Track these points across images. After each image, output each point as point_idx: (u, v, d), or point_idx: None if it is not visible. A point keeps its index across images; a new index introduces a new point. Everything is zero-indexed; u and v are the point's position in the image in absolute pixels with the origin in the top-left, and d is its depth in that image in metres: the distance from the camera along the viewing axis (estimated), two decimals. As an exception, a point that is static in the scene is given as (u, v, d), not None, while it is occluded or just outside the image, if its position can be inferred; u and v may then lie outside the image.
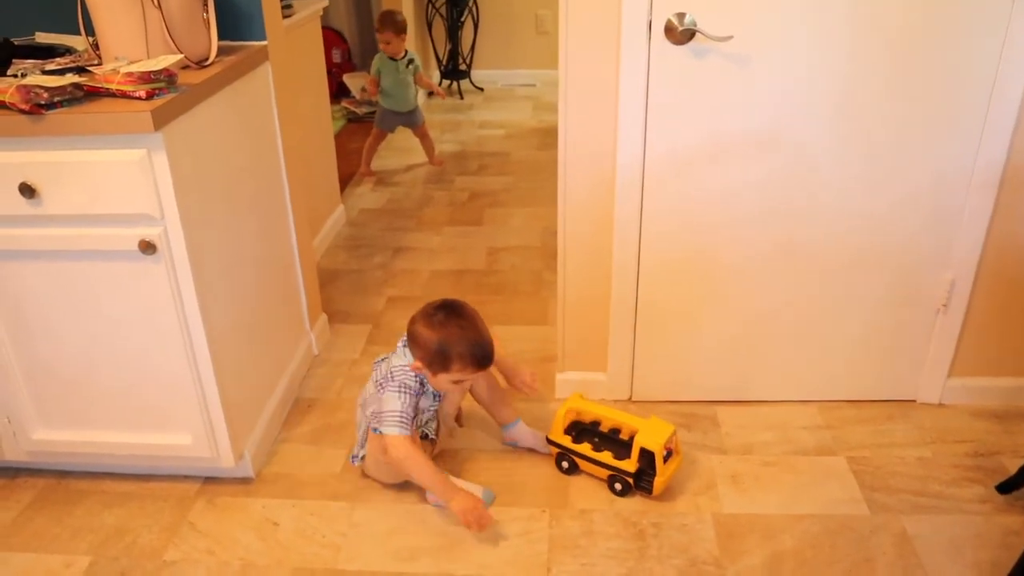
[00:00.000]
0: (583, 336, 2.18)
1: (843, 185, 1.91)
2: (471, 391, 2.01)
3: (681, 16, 1.74)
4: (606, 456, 1.89)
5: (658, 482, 1.83)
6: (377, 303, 2.83)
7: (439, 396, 1.91)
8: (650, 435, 1.84)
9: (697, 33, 1.75)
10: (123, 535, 1.85)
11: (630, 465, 1.85)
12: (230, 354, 1.88)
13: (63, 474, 2.03)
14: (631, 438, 1.87)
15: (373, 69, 4.07)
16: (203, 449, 1.87)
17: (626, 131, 1.88)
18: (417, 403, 1.83)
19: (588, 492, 1.91)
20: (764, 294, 2.06)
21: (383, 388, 1.83)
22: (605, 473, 1.90)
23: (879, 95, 1.81)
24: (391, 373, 1.83)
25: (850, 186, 1.91)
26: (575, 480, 1.95)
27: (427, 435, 1.95)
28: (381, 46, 4.01)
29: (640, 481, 1.86)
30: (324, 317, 2.62)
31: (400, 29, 3.96)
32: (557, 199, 2.01)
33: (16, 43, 1.98)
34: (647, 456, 1.83)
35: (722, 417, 2.15)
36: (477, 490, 1.90)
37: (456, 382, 1.82)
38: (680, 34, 1.75)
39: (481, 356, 1.78)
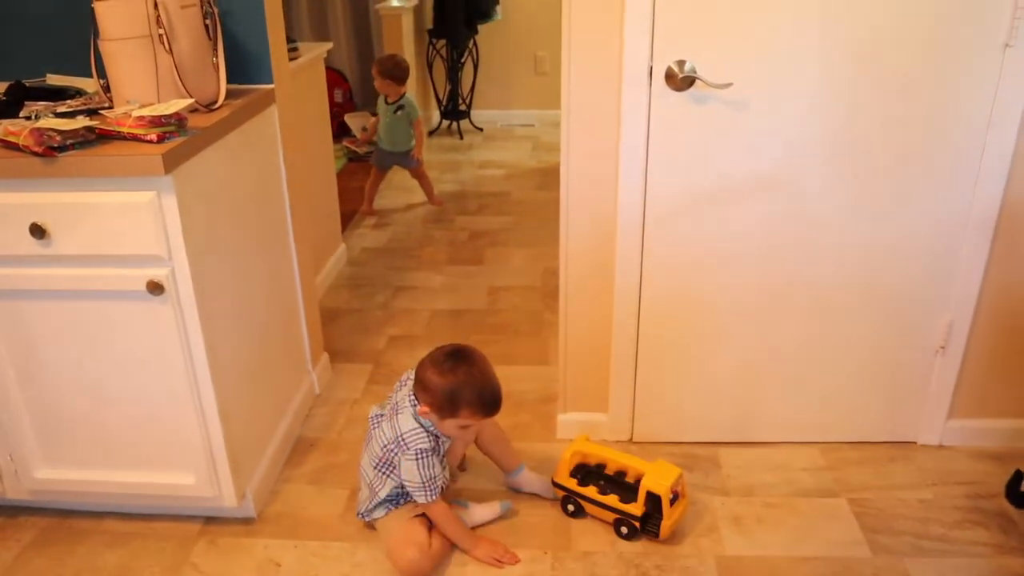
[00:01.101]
0: (584, 377, 2.19)
1: (841, 227, 1.94)
2: (479, 442, 2.01)
3: (681, 63, 1.78)
4: (612, 500, 1.88)
5: (665, 526, 1.82)
6: (378, 342, 2.84)
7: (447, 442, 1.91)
8: (656, 478, 1.83)
9: (697, 80, 1.79)
10: (125, 575, 1.84)
11: (636, 509, 1.84)
12: (234, 394, 1.88)
13: (65, 513, 2.02)
14: (637, 481, 1.86)
15: (376, 109, 4.15)
16: (206, 489, 1.87)
17: (627, 173, 1.92)
18: (438, 458, 1.83)
19: (591, 534, 1.91)
20: (764, 335, 2.08)
21: (393, 454, 1.81)
22: (611, 516, 1.89)
23: (875, 139, 1.85)
24: (403, 440, 1.79)
25: (848, 228, 1.94)
26: (577, 522, 1.95)
27: (441, 488, 1.94)
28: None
29: (647, 525, 1.85)
30: (326, 356, 2.63)
31: (387, 74, 4.01)
32: (559, 239, 2.03)
33: (27, 84, 2.02)
34: (653, 500, 1.82)
35: (723, 458, 2.16)
36: (495, 506, 1.96)
37: (463, 427, 1.81)
38: (680, 81, 1.79)
39: (490, 402, 1.78)
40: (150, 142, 1.61)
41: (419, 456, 1.78)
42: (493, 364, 1.83)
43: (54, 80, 2.12)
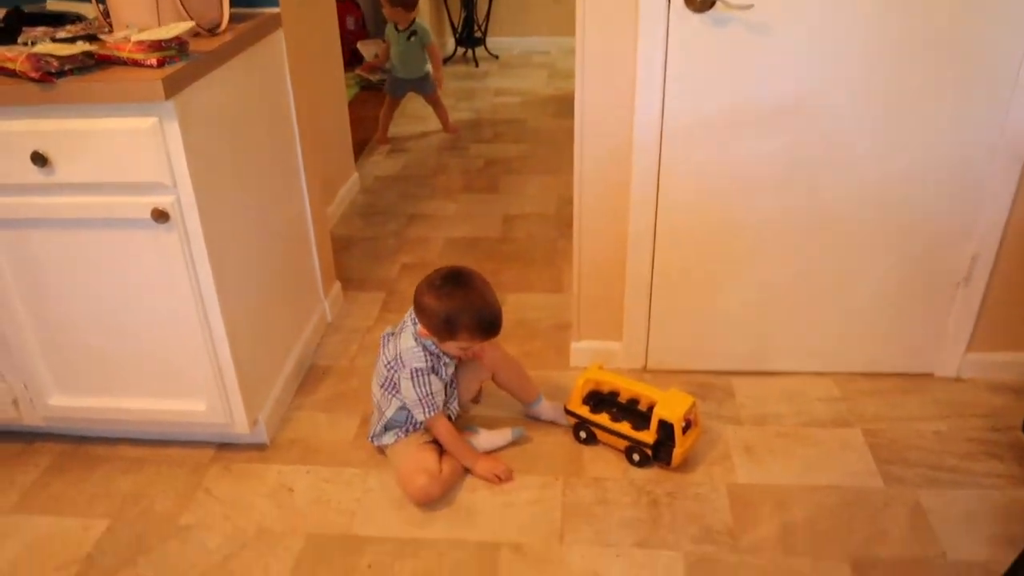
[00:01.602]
0: (598, 305, 2.17)
1: (865, 154, 1.88)
2: (496, 379, 2.01)
3: (701, -19, 1.70)
4: (624, 427, 1.88)
5: (677, 453, 1.82)
6: (391, 270, 2.83)
7: (455, 360, 1.91)
8: (669, 406, 1.83)
9: (718, 1, 1.70)
10: (139, 500, 1.87)
11: (648, 436, 1.84)
12: (244, 322, 1.88)
13: (80, 439, 2.05)
14: (650, 409, 1.86)
15: (386, 32, 4.05)
16: (217, 416, 1.89)
17: (644, 99, 1.85)
18: (436, 376, 1.83)
19: (603, 461, 1.91)
20: (782, 263, 2.03)
21: (395, 372, 1.83)
22: (623, 444, 1.90)
23: (905, 64, 1.77)
24: (400, 358, 1.82)
25: (873, 155, 1.88)
26: (589, 450, 1.95)
27: (450, 416, 1.95)
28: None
29: (658, 452, 1.85)
30: (338, 285, 2.62)
31: (396, 2, 3.91)
32: (573, 167, 1.99)
33: (26, 11, 1.97)
34: (666, 428, 1.82)
35: (737, 387, 2.14)
36: (506, 432, 1.96)
37: (465, 348, 1.82)
38: (700, 2, 1.71)
39: (488, 325, 1.77)
40: (150, 67, 1.57)
41: (415, 374, 1.79)
42: (507, 292, 1.81)
43: (54, 6, 2.08)
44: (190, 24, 1.67)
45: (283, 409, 2.12)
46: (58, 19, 1.95)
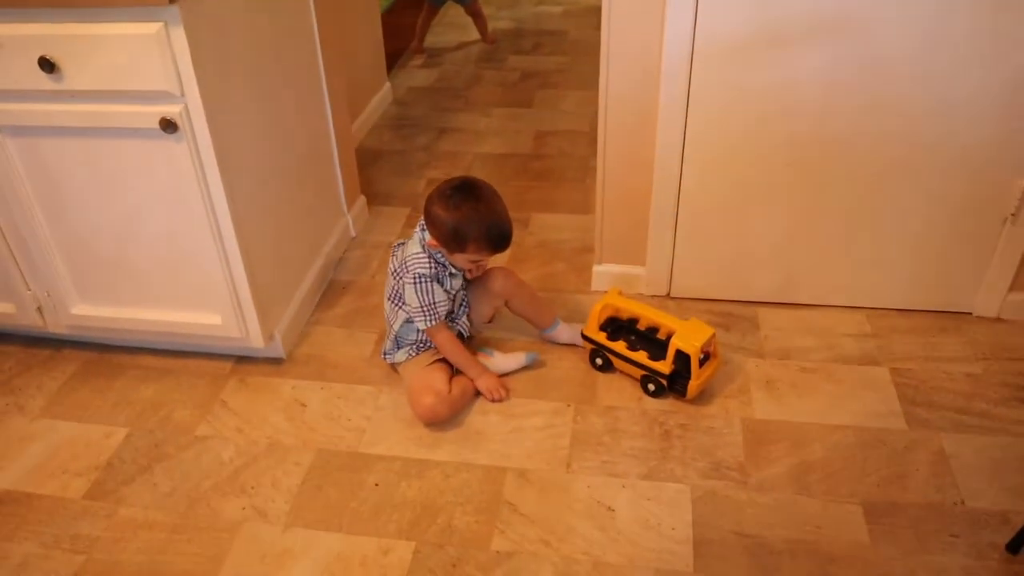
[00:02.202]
0: (622, 228, 2.10)
1: (911, 76, 1.74)
2: (509, 305, 1.97)
3: None
4: (641, 356, 1.84)
5: (692, 385, 1.78)
6: (418, 185, 2.78)
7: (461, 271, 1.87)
8: (687, 337, 1.77)
9: (759, -100, 1.57)
10: (158, 409, 1.90)
11: (664, 367, 1.80)
12: (258, 235, 1.86)
13: (104, 348, 2.09)
14: (668, 338, 1.81)
15: None
16: (233, 329, 1.89)
17: (674, 10, 1.74)
18: (440, 286, 1.80)
19: (616, 390, 1.88)
20: (816, 192, 1.93)
21: (400, 280, 1.81)
22: (639, 373, 1.86)
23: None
24: (405, 263, 1.80)
25: (919, 77, 1.74)
26: (604, 377, 1.92)
27: (461, 333, 1.93)
28: None
29: (674, 383, 1.81)
30: (363, 199, 2.58)
31: None
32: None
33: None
34: (683, 358, 1.77)
35: (763, 319, 2.07)
36: (520, 356, 1.94)
37: (474, 261, 1.79)
38: (739, -98, 1.58)
39: (497, 238, 1.74)
40: (155, -32, 1.50)
41: (417, 280, 1.76)
42: (532, 211, 1.76)
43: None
44: (196, -76, 1.59)
45: (301, 323, 2.12)
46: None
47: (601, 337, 1.91)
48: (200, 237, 1.75)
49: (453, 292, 1.85)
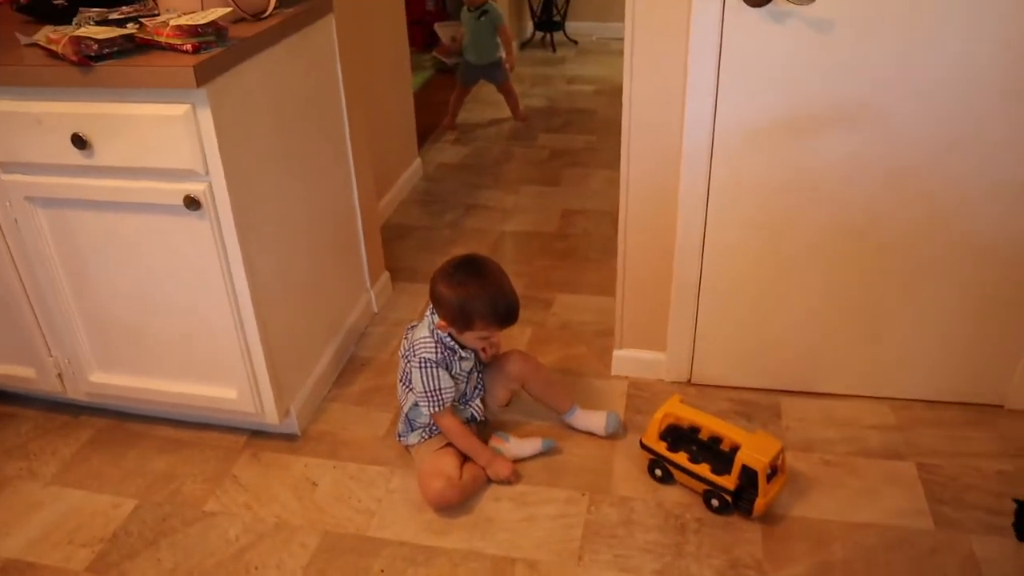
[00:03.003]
0: (643, 312, 2.08)
1: (935, 167, 1.73)
2: (526, 389, 1.95)
3: (761, -25, 1.58)
4: (703, 469, 1.73)
5: (759, 504, 1.66)
6: (442, 262, 2.78)
7: (474, 353, 1.86)
8: (754, 451, 1.66)
9: (778, -5, 1.59)
10: (169, 481, 1.89)
11: (730, 482, 1.69)
12: (278, 312, 1.87)
13: (121, 415, 2.09)
14: (732, 451, 1.71)
15: (461, 19, 4.00)
16: (248, 404, 1.89)
17: (695, 97, 1.75)
18: (447, 372, 1.78)
19: (632, 480, 1.83)
20: (840, 279, 1.90)
21: (408, 363, 1.80)
22: (701, 487, 1.75)
23: (982, 71, 1.61)
24: (413, 347, 1.79)
25: (943, 169, 1.73)
26: (620, 466, 1.87)
27: (474, 417, 1.91)
28: None
29: (739, 500, 1.70)
30: (386, 275, 2.59)
31: None
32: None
33: (88, -12, 1.99)
34: (749, 474, 1.66)
35: (785, 408, 2.02)
36: (536, 442, 1.90)
37: (484, 338, 1.78)
38: (758, -5, 1.60)
39: (504, 312, 1.73)
40: (185, 52, 1.55)
41: (423, 365, 1.75)
42: (555, 292, 1.74)
43: (116, -16, 2.09)
44: (227, 9, 1.65)
45: (317, 399, 2.11)
46: (117, -1, 1.96)
47: (661, 447, 1.80)
48: (219, 312, 1.76)
49: (463, 376, 1.84)
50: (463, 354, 1.81)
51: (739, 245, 1.90)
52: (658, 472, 1.83)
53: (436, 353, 1.76)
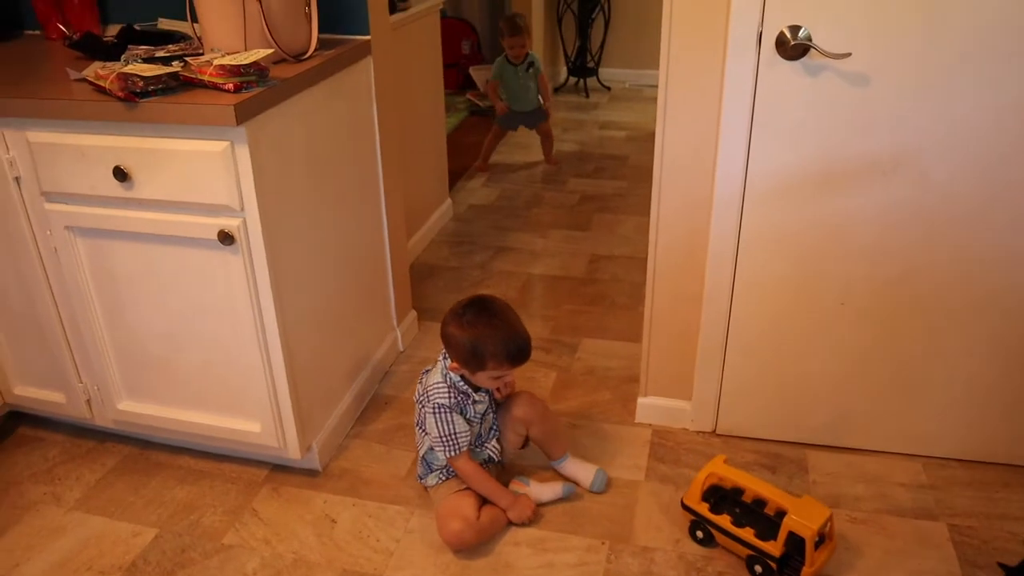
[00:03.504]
0: (669, 360, 2.07)
1: (970, 224, 1.71)
2: (528, 431, 1.93)
3: (795, 29, 1.60)
4: (747, 533, 1.67)
5: (806, 573, 1.60)
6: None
7: (488, 394, 1.85)
8: (803, 517, 1.60)
9: (811, 48, 1.60)
10: (190, 512, 1.89)
11: (775, 548, 1.62)
12: (305, 348, 1.88)
13: (146, 444, 2.11)
14: (777, 515, 1.66)
15: (494, 73, 4.05)
16: (271, 439, 1.89)
17: (728, 148, 1.76)
18: (462, 416, 1.78)
19: (654, 529, 1.81)
20: (871, 332, 1.88)
21: (423, 408, 1.81)
22: (745, 552, 1.68)
23: (1017, 129, 1.60)
24: (426, 393, 1.79)
25: (978, 226, 1.71)
26: (642, 515, 1.85)
27: (491, 458, 1.89)
28: (506, 51, 3.99)
29: (784, 568, 1.63)
30: (413, 313, 2.61)
31: (516, 31, 3.92)
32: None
33: (138, 28, 2.05)
34: (796, 541, 1.60)
35: (812, 462, 1.99)
36: (557, 487, 1.89)
37: (497, 378, 1.77)
38: (792, 49, 1.61)
39: (515, 351, 1.72)
40: (227, 91, 1.59)
41: (437, 411, 1.75)
42: (582, 337, 1.74)
43: (165, 25, 2.16)
44: (270, 51, 1.69)
45: (340, 436, 2.11)
46: (166, 38, 2.02)
47: (703, 508, 1.75)
48: (246, 346, 1.78)
49: (477, 419, 1.83)
50: (476, 397, 1.81)
51: (768, 295, 1.89)
52: (699, 533, 1.78)
53: (450, 398, 1.76)
